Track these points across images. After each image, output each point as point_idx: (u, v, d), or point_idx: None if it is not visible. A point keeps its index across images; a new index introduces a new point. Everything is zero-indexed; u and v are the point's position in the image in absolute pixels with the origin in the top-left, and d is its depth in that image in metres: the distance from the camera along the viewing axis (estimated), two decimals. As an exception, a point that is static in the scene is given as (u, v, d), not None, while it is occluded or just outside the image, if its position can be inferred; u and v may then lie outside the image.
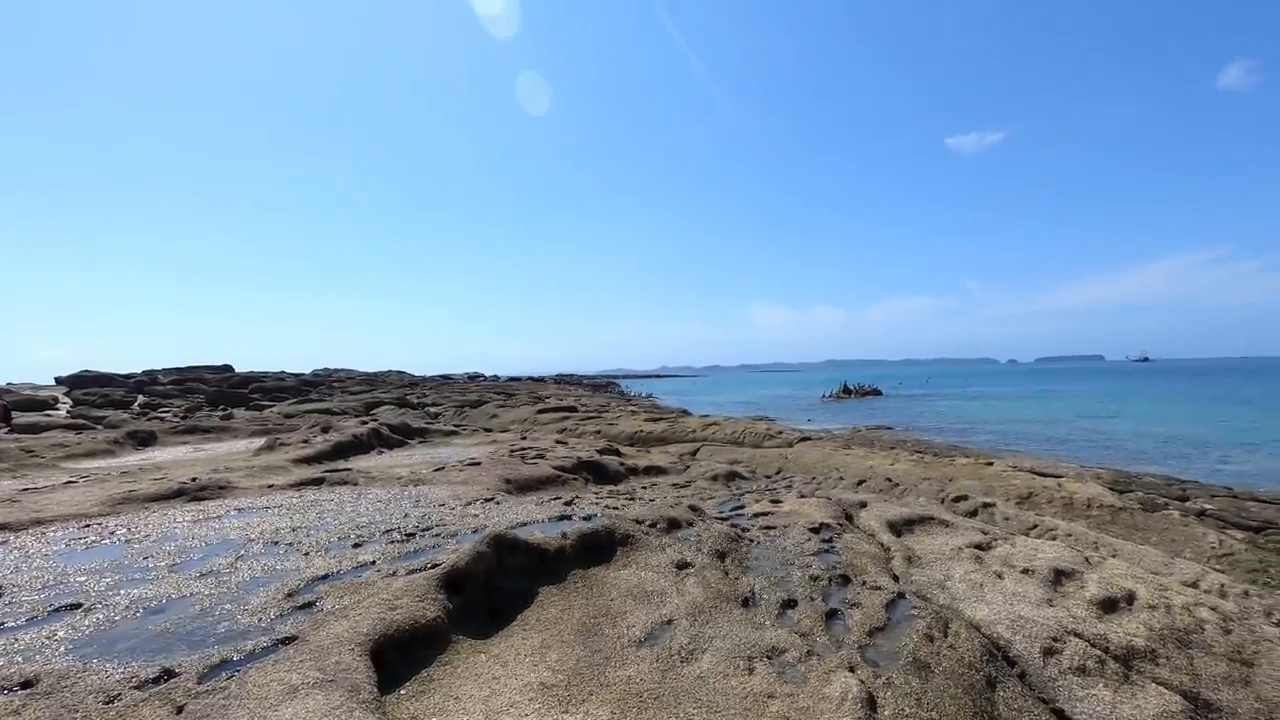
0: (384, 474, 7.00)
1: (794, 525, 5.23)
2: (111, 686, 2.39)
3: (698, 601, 3.67)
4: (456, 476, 6.65)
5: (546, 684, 2.87)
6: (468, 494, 5.92)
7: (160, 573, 3.79)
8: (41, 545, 4.45)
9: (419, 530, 4.61)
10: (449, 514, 5.16)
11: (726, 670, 2.98)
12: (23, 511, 5.26)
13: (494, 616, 3.53)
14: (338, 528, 4.78)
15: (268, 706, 2.27)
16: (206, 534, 4.69)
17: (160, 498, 5.71)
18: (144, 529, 4.86)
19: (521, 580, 3.84)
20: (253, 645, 2.73)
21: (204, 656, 2.60)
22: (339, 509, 5.44)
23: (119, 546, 4.42)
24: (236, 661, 2.59)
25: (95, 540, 4.58)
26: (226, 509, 5.51)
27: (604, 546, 4.40)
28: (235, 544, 4.39)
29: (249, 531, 4.72)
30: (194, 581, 3.60)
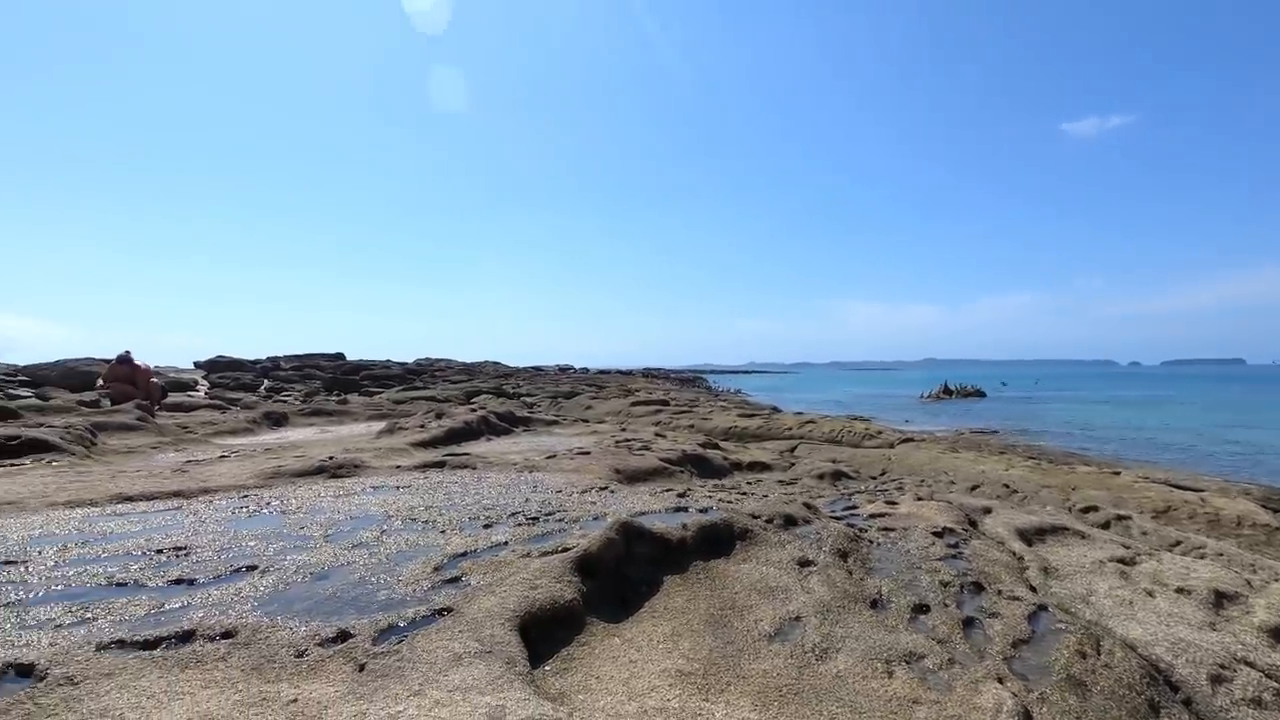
0: (498, 459, 7.31)
1: (914, 528, 5.07)
2: (298, 642, 2.62)
3: (824, 600, 3.63)
4: (568, 464, 6.85)
5: (683, 671, 2.92)
6: (581, 482, 6.09)
7: (317, 542, 4.13)
8: (212, 512, 4.94)
9: (542, 514, 4.79)
10: (567, 500, 5.32)
11: (864, 672, 2.93)
12: (192, 481, 5.86)
13: (623, 602, 3.62)
14: (466, 508, 5.04)
15: (437, 671, 2.43)
16: (350, 508, 5.06)
17: (304, 474, 6.21)
18: (295, 501, 5.30)
19: (647, 568, 3.92)
20: (413, 613, 2.92)
21: (373, 621, 2.81)
22: (464, 491, 5.72)
23: (277, 516, 4.85)
24: (402, 628, 2.79)
25: (255, 510, 5.04)
26: (363, 486, 5.92)
27: (722, 540, 4.43)
28: (377, 519, 4.71)
29: (387, 508, 5.05)
30: (348, 551, 3.90)
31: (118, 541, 4.12)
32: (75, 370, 22.23)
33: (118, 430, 9.01)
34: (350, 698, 2.24)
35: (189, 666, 2.44)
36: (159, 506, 5.16)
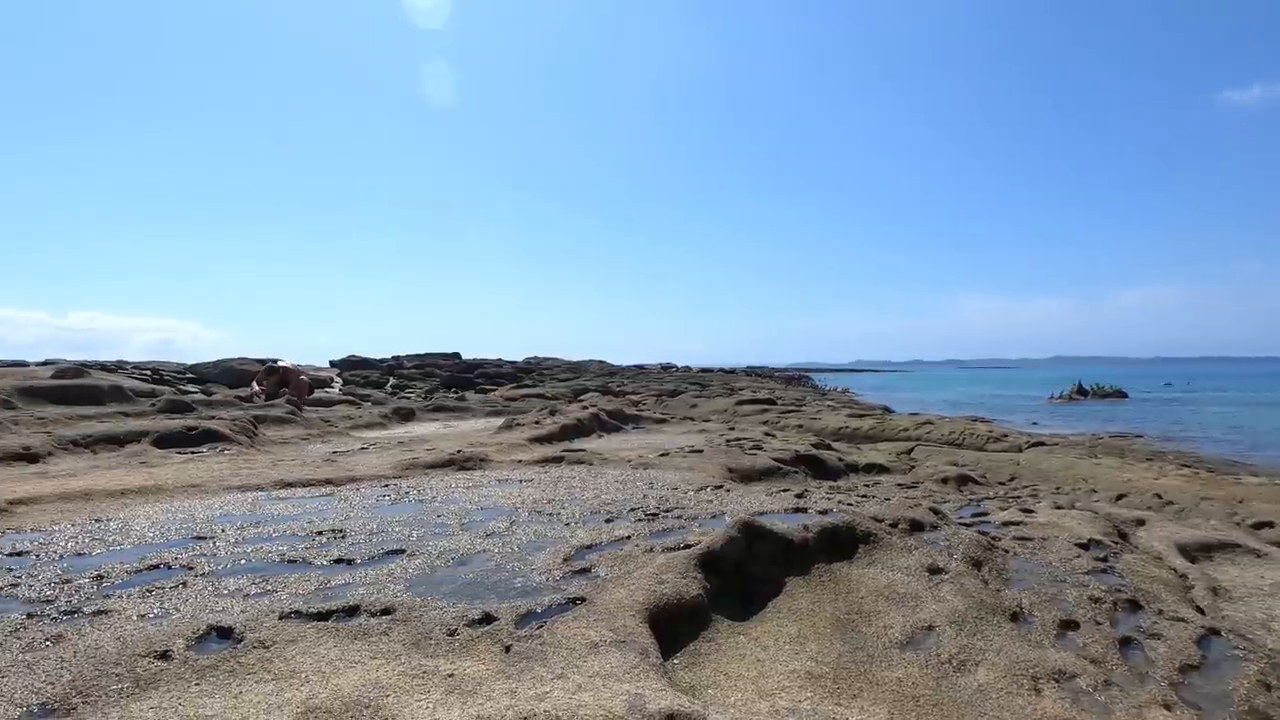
0: (612, 456, 7.49)
1: (1055, 539, 4.74)
2: (449, 621, 2.83)
3: (958, 610, 3.48)
4: (681, 462, 6.92)
5: (813, 673, 2.89)
6: (696, 480, 6.13)
7: (454, 529, 4.41)
8: (360, 498, 5.40)
9: (661, 511, 4.87)
10: (684, 497, 5.38)
11: (1009, 687, 2.79)
12: (340, 470, 6.42)
13: (746, 601, 3.63)
14: (586, 502, 5.21)
15: (577, 656, 2.54)
16: (479, 499, 5.37)
17: (436, 466, 6.65)
18: (430, 491, 5.68)
19: (769, 568, 3.90)
20: (549, 601, 3.07)
21: (513, 606, 2.98)
22: (583, 486, 5.92)
23: (415, 505, 5.22)
24: (540, 613, 2.94)
25: (396, 498, 5.45)
26: (489, 479, 6.26)
27: (845, 542, 4.33)
28: (506, 510, 4.97)
29: (513, 500, 5.31)
30: (482, 540, 4.14)
31: (284, 523, 4.59)
32: (232, 369, 24.81)
33: (274, 423, 10.01)
34: (500, 676, 2.40)
35: (357, 638, 2.70)
36: (314, 492, 5.69)
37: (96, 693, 2.22)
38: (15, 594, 3.16)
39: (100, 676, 2.31)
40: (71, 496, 5.22)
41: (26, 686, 2.24)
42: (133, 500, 5.27)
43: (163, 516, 4.76)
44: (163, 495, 5.45)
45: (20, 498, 5.02)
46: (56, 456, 7.06)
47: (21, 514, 4.70)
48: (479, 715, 2.12)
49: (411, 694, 2.26)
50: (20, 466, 6.66)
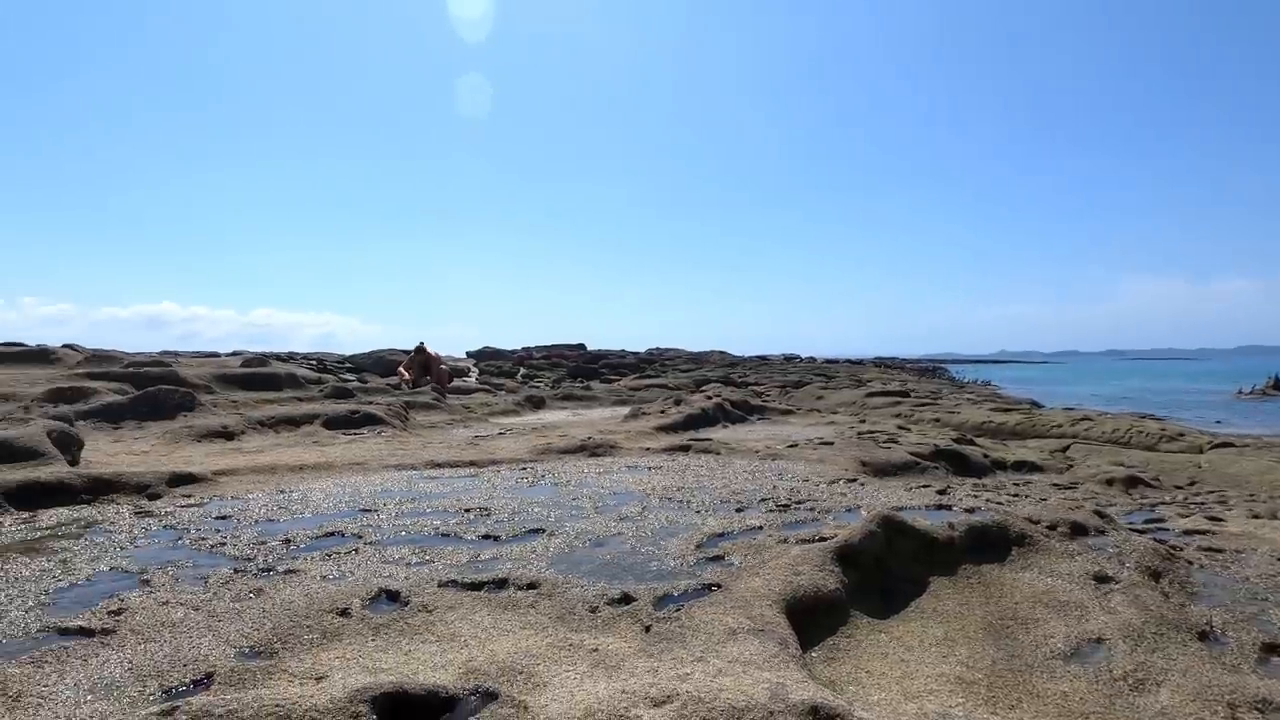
0: (739, 446, 7.44)
1: (1253, 552, 4.17)
2: (590, 599, 2.94)
3: (1133, 623, 3.14)
4: (811, 454, 6.75)
5: (964, 679, 2.73)
6: (827, 472, 5.97)
7: (589, 512, 4.57)
8: (501, 480, 5.73)
9: (792, 502, 4.79)
10: (815, 490, 5.25)
11: (1199, 713, 2.49)
12: (482, 453, 6.84)
13: (885, 599, 3.49)
14: (716, 491, 5.22)
15: (715, 641, 2.56)
16: (612, 484, 5.53)
17: (569, 451, 6.92)
18: (565, 475, 5.93)
19: (911, 566, 3.73)
20: (685, 585, 3.11)
21: (650, 588, 3.05)
22: (711, 475, 5.94)
23: (551, 487, 5.46)
24: (676, 597, 2.98)
25: (534, 480, 5.73)
26: (619, 465, 6.43)
27: (996, 543, 4.04)
28: (637, 496, 5.09)
29: (643, 486, 5.43)
30: (616, 523, 4.26)
31: (435, 500, 4.96)
32: (383, 359, 27.07)
33: (421, 408, 10.84)
34: (642, 655, 2.46)
35: (507, 609, 2.87)
36: (460, 473, 6.11)
37: (292, 641, 2.52)
38: (224, 551, 3.65)
39: (294, 627, 2.61)
40: (261, 470, 5.93)
41: (238, 631, 2.58)
42: (309, 474, 5.91)
43: (334, 490, 5.30)
44: (333, 471, 6.06)
45: (222, 469, 5.77)
46: (247, 435, 8.06)
47: (224, 483, 5.41)
48: (623, 690, 2.19)
49: (560, 664, 2.37)
50: (220, 443, 7.67)
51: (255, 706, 1.85)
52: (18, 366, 11.75)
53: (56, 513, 4.49)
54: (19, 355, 12.82)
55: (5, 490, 4.52)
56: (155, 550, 3.70)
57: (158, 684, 2.20)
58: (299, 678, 2.26)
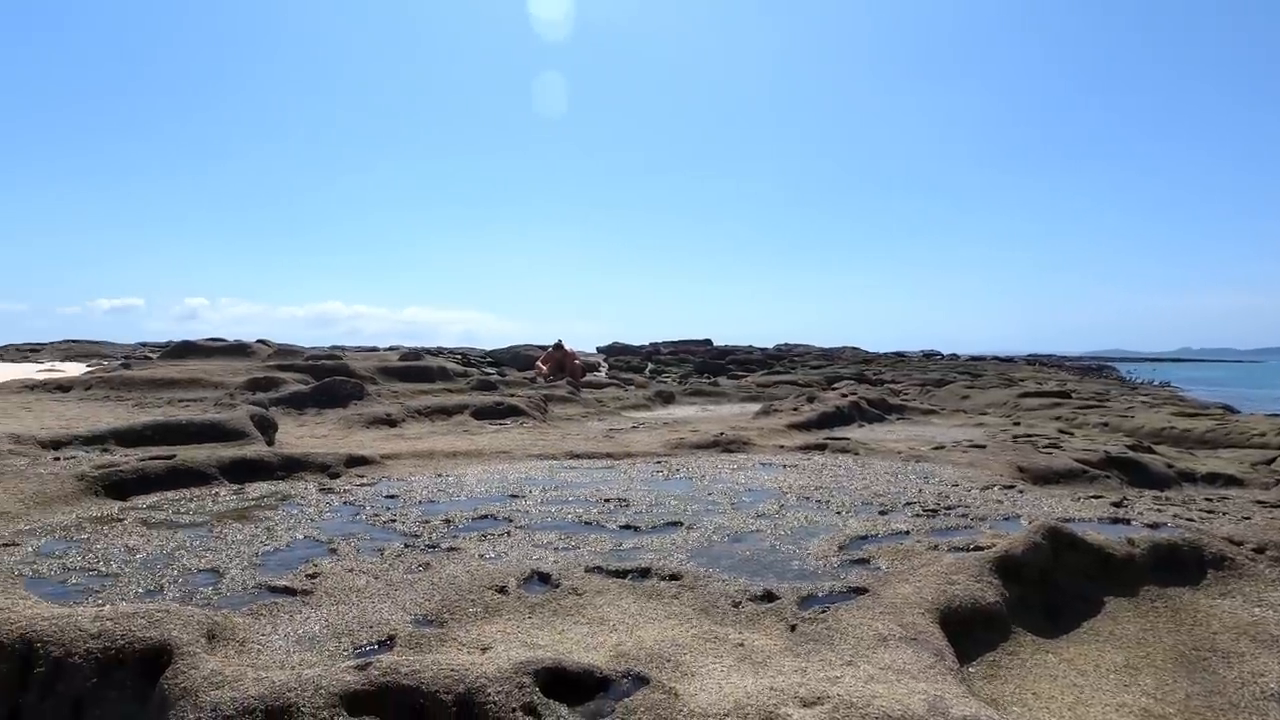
0: (878, 446, 7.13)
1: None
2: (732, 594, 2.95)
3: (1370, 668, 2.69)
4: (960, 457, 6.34)
5: (1151, 712, 2.47)
6: (979, 477, 5.58)
7: (725, 508, 4.58)
8: (637, 472, 5.87)
9: (941, 507, 4.52)
10: (967, 495, 4.93)
11: None
12: (617, 446, 7.05)
13: (1052, 616, 3.22)
14: (856, 492, 5.04)
15: (865, 646, 2.48)
16: (746, 481, 5.50)
17: (702, 446, 6.96)
18: (698, 470, 5.97)
19: (1082, 583, 3.41)
20: (829, 587, 3.04)
21: (793, 587, 3.01)
22: (849, 475, 5.74)
23: (686, 481, 5.52)
24: (821, 598, 2.92)
25: (668, 474, 5.82)
26: (752, 462, 6.38)
27: (1186, 565, 3.61)
28: (773, 493, 5.02)
29: (780, 484, 5.35)
30: (754, 520, 4.23)
31: (576, 489, 5.17)
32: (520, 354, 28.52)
33: (559, 401, 11.34)
34: (788, 654, 2.44)
35: (652, 598, 2.95)
36: (597, 464, 6.33)
37: (458, 613, 2.73)
38: (395, 528, 4.02)
39: (460, 600, 2.83)
40: (420, 455, 6.47)
41: (411, 600, 2.85)
42: (461, 460, 6.36)
43: (484, 475, 5.67)
44: (482, 458, 6.49)
45: (388, 453, 6.36)
46: (407, 423, 8.83)
47: (390, 466, 5.96)
48: (771, 687, 2.19)
49: (705, 655, 2.41)
50: (385, 429, 8.46)
51: (434, 669, 2.04)
52: (222, 359, 13.59)
53: (259, 486, 5.15)
54: (223, 349, 14.82)
55: (221, 465, 5.25)
56: (339, 523, 4.15)
57: (350, 641, 2.47)
58: (466, 646, 2.45)
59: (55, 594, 2.85)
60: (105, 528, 3.96)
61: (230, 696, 1.93)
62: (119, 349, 29.12)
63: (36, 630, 2.18)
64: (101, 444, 5.78)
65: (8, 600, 2.34)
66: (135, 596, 2.88)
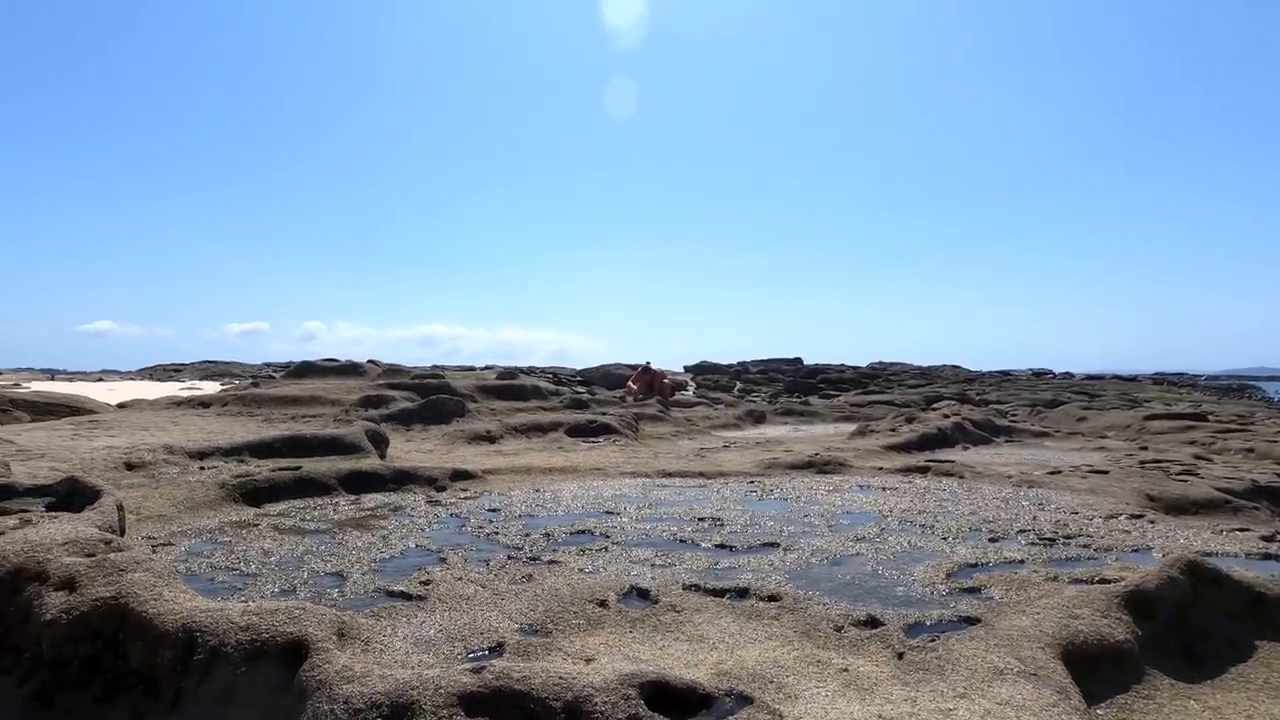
0: (985, 470, 6.76)
1: None
2: (834, 618, 2.89)
3: None
4: (1078, 483, 5.91)
5: (1317, 771, 2.21)
6: (1102, 505, 5.18)
7: (822, 530, 4.48)
8: (730, 492, 5.84)
9: (1060, 536, 4.24)
10: (1088, 524, 4.59)
11: None
12: (708, 465, 7.03)
13: (1191, 659, 2.95)
14: (963, 517, 4.81)
15: (979, 679, 2.37)
16: (843, 503, 5.35)
17: (796, 467, 6.83)
18: (793, 491, 5.87)
19: (1227, 624, 3.11)
20: (937, 615, 2.92)
21: (899, 614, 2.91)
22: (955, 499, 5.48)
23: (780, 502, 5.44)
24: (929, 626, 2.81)
25: (762, 494, 5.76)
26: (849, 484, 6.20)
27: (1356, 609, 3.20)
28: (873, 516, 4.87)
29: (879, 507, 5.18)
30: (853, 543, 4.12)
31: (669, 507, 5.20)
32: (610, 373, 28.97)
33: (649, 420, 11.45)
34: (896, 682, 2.36)
35: (751, 618, 2.93)
36: (689, 483, 6.34)
37: (562, 624, 2.82)
38: (498, 540, 4.19)
39: (562, 612, 2.92)
40: (518, 470, 6.71)
41: (517, 609, 2.96)
42: (557, 476, 6.54)
43: (580, 491, 5.81)
44: (577, 474, 6.65)
45: (488, 468, 6.63)
46: (505, 439, 9.17)
47: (491, 480, 6.21)
48: (880, 715, 2.13)
49: (809, 678, 2.37)
50: (484, 445, 8.82)
51: (544, 676, 2.12)
52: (337, 378, 14.61)
53: (374, 497, 5.50)
54: (338, 369, 15.93)
55: (340, 477, 5.65)
56: (447, 533, 4.37)
57: (463, 646, 2.60)
58: (571, 656, 2.53)
59: (205, 589, 3.16)
60: (244, 531, 4.35)
61: (359, 691, 2.08)
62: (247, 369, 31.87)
63: (196, 621, 2.43)
64: (238, 455, 6.35)
65: (171, 594, 2.62)
66: (273, 595, 3.15)
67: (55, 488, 4.26)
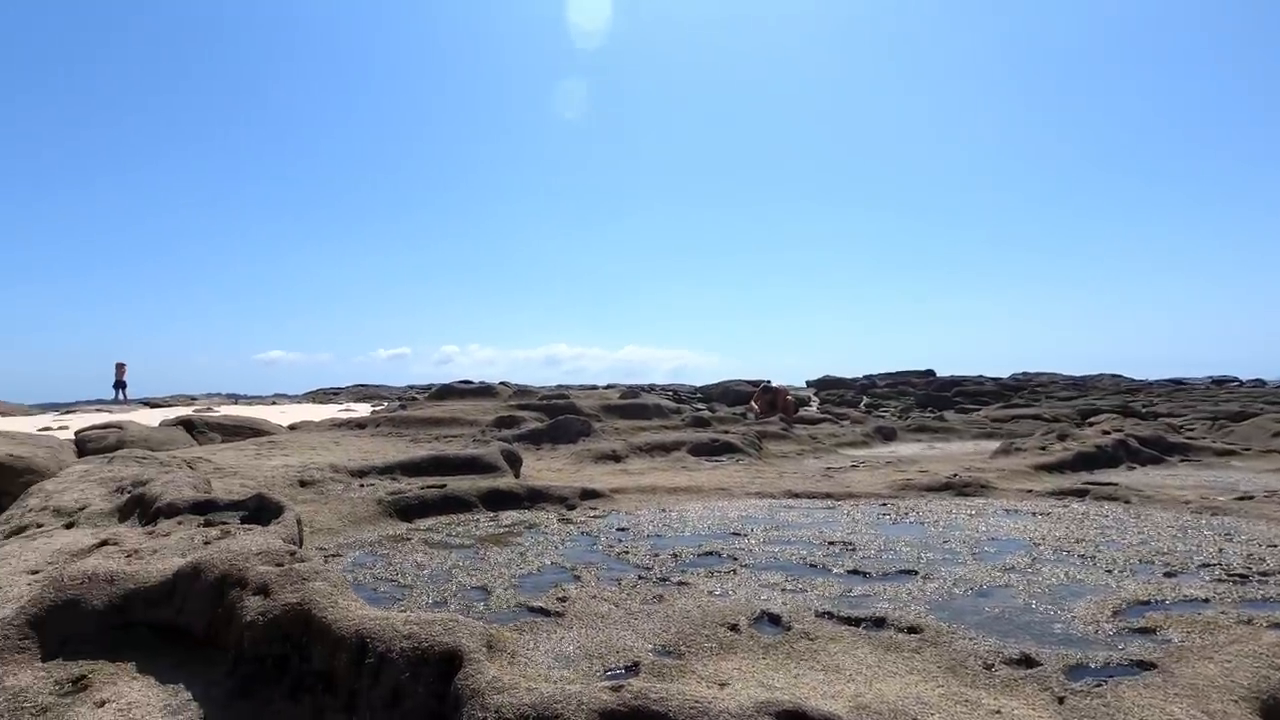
0: (1156, 494, 6.07)
1: None
2: (983, 654, 2.72)
3: None
4: (1276, 511, 5.17)
5: None
6: (1308, 537, 4.50)
7: (965, 558, 4.22)
8: (861, 514, 5.63)
9: (1254, 573, 3.74)
10: (1291, 560, 4.01)
11: None
12: (837, 485, 6.82)
13: None
14: (1130, 548, 4.35)
15: (1156, 732, 2.14)
16: (987, 529, 5.01)
17: (932, 488, 6.47)
18: (930, 514, 5.56)
19: None
20: (1104, 657, 2.67)
21: (1057, 653, 2.69)
22: (1120, 527, 4.97)
23: (917, 526, 5.18)
24: (1094, 669, 2.58)
25: (896, 518, 5.50)
26: (993, 508, 5.79)
27: None
28: (1022, 544, 4.52)
29: (1029, 534, 4.80)
30: (1000, 573, 3.85)
31: (797, 530, 5.10)
32: (730, 389, 28.77)
33: (772, 438, 11.27)
34: (1057, 728, 2.19)
35: (890, 650, 2.82)
36: (816, 504, 6.18)
37: (694, 646, 2.85)
38: (628, 559, 4.30)
39: (695, 635, 2.96)
40: (644, 490, 6.84)
41: (650, 630, 3.03)
42: (682, 496, 6.60)
43: (705, 512, 5.83)
44: (701, 495, 6.67)
45: (615, 487, 6.81)
46: (630, 458, 9.38)
47: (618, 499, 6.38)
48: (1039, 763, 1.98)
49: (957, 718, 2.25)
50: (610, 465, 9.07)
51: (680, 698, 2.16)
52: (473, 399, 15.57)
53: (510, 514, 5.82)
54: (473, 391, 16.98)
55: (479, 494, 6.03)
56: (579, 551, 4.54)
57: (600, 663, 2.70)
58: (705, 680, 2.56)
59: (370, 598, 3.49)
60: (398, 545, 4.75)
61: (509, 701, 2.22)
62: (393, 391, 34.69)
63: (366, 628, 2.70)
64: (391, 474, 6.94)
65: (345, 602, 2.93)
66: (427, 606, 3.42)
67: (246, 503, 4.87)
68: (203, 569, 3.28)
